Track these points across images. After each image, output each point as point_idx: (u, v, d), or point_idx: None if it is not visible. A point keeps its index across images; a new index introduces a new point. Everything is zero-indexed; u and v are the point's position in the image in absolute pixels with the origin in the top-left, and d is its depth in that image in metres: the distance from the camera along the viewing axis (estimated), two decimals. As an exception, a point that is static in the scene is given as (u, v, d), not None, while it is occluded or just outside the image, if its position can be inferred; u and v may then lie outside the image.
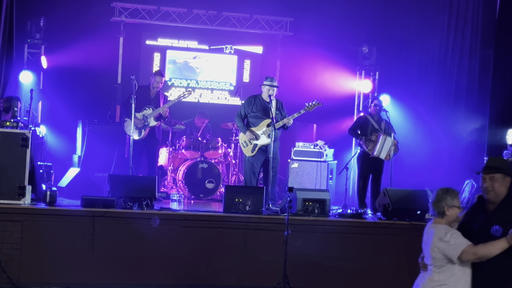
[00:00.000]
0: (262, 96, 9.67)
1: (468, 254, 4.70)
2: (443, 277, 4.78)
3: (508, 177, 4.84)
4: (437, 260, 4.79)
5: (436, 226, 4.86)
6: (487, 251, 4.68)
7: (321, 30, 12.57)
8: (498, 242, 4.67)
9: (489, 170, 4.86)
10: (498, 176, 4.81)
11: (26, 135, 8.13)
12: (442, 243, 4.74)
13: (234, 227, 8.24)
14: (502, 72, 10.39)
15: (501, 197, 4.84)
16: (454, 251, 4.71)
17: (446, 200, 4.84)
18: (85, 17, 12.00)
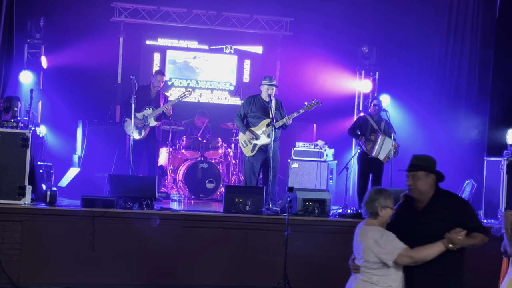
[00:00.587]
0: (262, 96, 9.67)
1: (404, 257, 4.64)
2: (376, 279, 4.71)
3: (432, 174, 4.81)
4: (371, 263, 4.71)
5: (370, 227, 4.79)
6: (424, 254, 4.63)
7: (321, 30, 12.57)
8: (435, 245, 4.63)
9: (411, 168, 4.87)
10: (420, 174, 4.80)
11: (26, 135, 8.13)
12: (377, 247, 4.67)
13: (234, 227, 8.24)
14: (502, 72, 10.39)
15: (427, 195, 4.81)
16: (389, 255, 4.65)
17: (379, 200, 4.78)
18: (85, 17, 12.00)
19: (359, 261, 4.80)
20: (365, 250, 4.73)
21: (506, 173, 9.15)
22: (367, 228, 4.81)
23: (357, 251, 4.83)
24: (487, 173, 9.59)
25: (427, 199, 4.82)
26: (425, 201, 4.82)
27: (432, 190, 4.83)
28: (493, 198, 9.32)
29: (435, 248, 4.62)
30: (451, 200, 4.87)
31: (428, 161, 4.89)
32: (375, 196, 4.81)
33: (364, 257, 4.73)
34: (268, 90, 9.60)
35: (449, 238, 4.59)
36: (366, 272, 4.76)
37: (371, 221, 4.82)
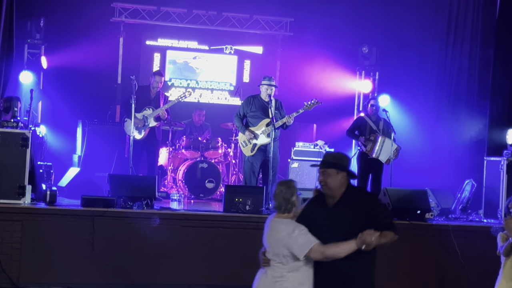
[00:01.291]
0: (261, 96, 9.67)
1: (315, 253, 4.63)
2: (287, 273, 4.68)
3: (343, 172, 4.81)
4: (282, 256, 4.68)
5: (282, 220, 4.75)
6: (336, 252, 4.63)
7: (321, 30, 12.57)
8: (347, 244, 4.63)
9: (322, 164, 4.86)
10: (331, 171, 4.79)
11: (26, 135, 8.13)
12: (290, 240, 4.64)
13: (234, 227, 8.24)
14: (502, 72, 10.38)
15: (338, 191, 4.82)
16: (301, 249, 4.62)
17: (295, 194, 4.77)
18: (85, 18, 12.00)
19: (270, 255, 4.75)
20: (276, 243, 4.69)
21: (506, 173, 9.14)
22: (279, 221, 4.76)
23: (268, 243, 4.78)
24: (487, 173, 9.58)
25: (339, 195, 4.83)
26: (337, 198, 4.83)
27: (344, 187, 4.84)
28: (493, 198, 9.31)
29: (347, 246, 4.63)
30: (362, 197, 4.90)
31: (340, 159, 4.89)
32: (291, 189, 4.79)
33: (276, 250, 4.70)
34: (267, 90, 9.59)
35: (362, 239, 4.60)
36: (276, 267, 4.73)
37: (282, 214, 4.77)
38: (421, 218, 8.60)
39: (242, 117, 9.73)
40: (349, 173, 4.88)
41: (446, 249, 8.34)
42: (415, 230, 8.44)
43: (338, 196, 4.84)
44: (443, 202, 9.50)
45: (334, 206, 4.83)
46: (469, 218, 9.18)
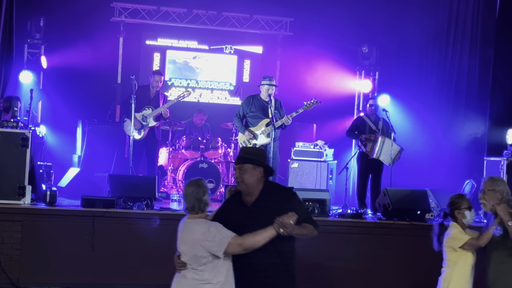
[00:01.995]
0: (261, 96, 9.66)
1: (234, 246, 4.49)
2: (206, 276, 4.55)
3: (260, 167, 4.68)
4: (201, 258, 4.53)
5: (195, 221, 4.62)
6: (254, 240, 4.49)
7: (321, 30, 12.57)
8: (265, 230, 4.49)
9: (238, 160, 4.74)
10: (247, 166, 4.66)
11: (26, 135, 8.13)
12: (206, 240, 4.50)
13: (234, 227, 8.22)
14: (502, 72, 10.39)
15: (256, 188, 4.69)
16: (219, 245, 4.49)
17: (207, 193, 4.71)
18: (85, 17, 12.00)
19: (186, 258, 4.60)
20: (194, 245, 4.54)
21: (506, 173, 9.14)
22: (193, 222, 4.64)
23: (183, 247, 4.63)
24: (487, 173, 9.57)
25: (257, 192, 4.69)
26: (255, 195, 4.69)
27: (261, 184, 4.70)
28: (493, 198, 9.29)
29: (266, 233, 4.49)
30: (281, 193, 4.77)
31: (256, 154, 4.76)
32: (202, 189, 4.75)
33: (193, 252, 4.55)
34: (268, 90, 9.59)
35: (280, 222, 4.46)
36: (194, 269, 4.57)
37: (196, 215, 4.67)
38: (421, 219, 8.61)
39: (242, 117, 9.73)
40: (266, 169, 4.74)
41: (446, 249, 8.32)
42: (415, 230, 8.44)
43: (256, 193, 4.69)
44: (443, 202, 9.48)
45: (254, 205, 4.68)
46: (469, 219, 9.17)
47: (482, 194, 5.61)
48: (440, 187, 10.20)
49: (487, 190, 5.58)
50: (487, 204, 5.59)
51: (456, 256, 5.57)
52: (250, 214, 4.66)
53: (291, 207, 4.63)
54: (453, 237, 5.56)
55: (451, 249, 5.57)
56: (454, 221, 5.66)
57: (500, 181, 5.66)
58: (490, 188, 5.58)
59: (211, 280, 4.54)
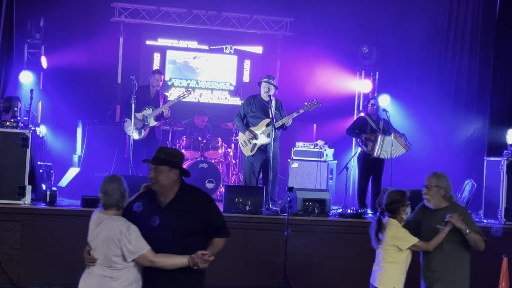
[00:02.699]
0: (261, 96, 9.66)
1: (145, 260, 4.50)
2: (116, 274, 4.50)
3: (176, 169, 4.62)
4: (113, 256, 4.49)
5: (114, 217, 4.57)
6: (165, 263, 4.50)
7: (321, 30, 12.56)
8: (179, 259, 4.52)
9: (153, 160, 4.66)
10: (162, 167, 4.58)
11: (26, 135, 8.14)
12: (123, 240, 4.46)
13: (234, 227, 8.19)
14: (502, 72, 10.39)
15: (170, 190, 4.63)
16: (132, 252, 4.47)
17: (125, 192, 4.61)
18: (85, 17, 12.01)
19: (97, 254, 4.54)
20: (107, 242, 4.49)
21: (506, 173, 9.14)
22: (110, 218, 4.57)
23: (96, 242, 4.57)
24: (487, 173, 9.59)
25: (172, 194, 4.64)
26: (169, 197, 4.63)
27: (177, 186, 4.65)
28: (493, 198, 9.31)
29: (178, 261, 4.51)
30: (196, 197, 4.71)
31: (173, 155, 4.68)
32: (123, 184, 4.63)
33: (105, 248, 4.50)
34: (265, 88, 9.59)
35: (194, 261, 4.54)
36: (104, 266, 4.52)
37: (116, 211, 4.60)
38: (421, 218, 8.58)
39: (243, 117, 9.73)
40: (182, 171, 4.69)
41: (446, 249, 8.32)
42: (415, 230, 8.43)
43: (171, 195, 4.63)
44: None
45: (168, 207, 4.61)
46: (469, 218, 9.17)
47: (426, 190, 5.60)
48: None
49: (432, 186, 5.59)
50: (431, 200, 5.58)
51: (399, 255, 5.56)
52: (166, 216, 4.59)
53: (207, 212, 4.66)
54: (401, 237, 5.54)
55: (395, 248, 5.55)
56: (393, 218, 5.62)
57: (444, 177, 5.69)
58: (435, 185, 5.60)
59: (119, 278, 4.51)
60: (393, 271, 5.57)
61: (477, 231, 5.51)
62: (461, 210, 5.60)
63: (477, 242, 5.50)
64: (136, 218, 4.60)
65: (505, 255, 7.61)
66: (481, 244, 5.53)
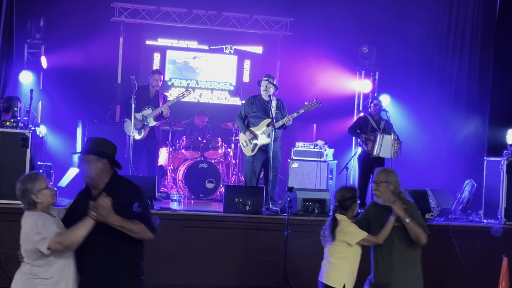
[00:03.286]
0: (262, 96, 9.66)
1: (54, 244, 4.28)
2: (37, 271, 4.40)
3: (104, 159, 4.52)
4: (30, 252, 4.38)
5: (30, 213, 4.46)
6: (72, 235, 4.29)
7: (321, 30, 12.57)
8: (81, 222, 4.30)
9: (82, 150, 4.60)
10: (89, 157, 4.50)
11: (26, 135, 8.14)
12: (34, 234, 4.34)
13: (234, 227, 8.24)
14: (502, 72, 10.38)
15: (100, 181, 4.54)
16: (42, 241, 4.30)
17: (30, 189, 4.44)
18: (85, 17, 12.01)
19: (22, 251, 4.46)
20: (23, 239, 4.41)
21: (506, 173, 9.14)
22: (27, 214, 4.47)
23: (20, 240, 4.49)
24: (487, 173, 9.58)
25: (102, 185, 4.55)
26: (99, 188, 4.54)
27: (107, 177, 4.55)
28: (493, 198, 9.31)
29: (83, 225, 4.30)
30: (125, 188, 4.60)
31: (101, 145, 4.58)
32: (23, 186, 4.45)
33: (24, 245, 4.41)
34: (263, 86, 9.59)
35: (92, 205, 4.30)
36: (27, 263, 4.44)
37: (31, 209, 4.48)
38: (421, 219, 8.59)
39: (244, 118, 9.73)
40: (112, 161, 4.58)
41: (446, 249, 8.34)
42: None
43: (101, 186, 4.54)
44: (443, 202, 9.50)
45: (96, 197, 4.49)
46: (469, 219, 9.19)
47: (375, 186, 5.62)
48: (440, 187, 10.20)
49: (381, 182, 5.60)
50: (380, 196, 5.59)
51: (348, 251, 5.57)
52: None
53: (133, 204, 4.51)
54: (350, 232, 5.55)
55: (345, 243, 5.55)
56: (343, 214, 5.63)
57: (393, 173, 5.72)
58: (384, 180, 5.61)
59: (43, 276, 4.42)
60: (342, 267, 5.56)
61: (420, 224, 5.47)
62: (410, 205, 5.60)
63: (418, 234, 5.43)
64: (74, 213, 4.53)
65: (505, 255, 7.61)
66: (422, 237, 5.45)
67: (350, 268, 5.59)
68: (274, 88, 9.76)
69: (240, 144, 9.92)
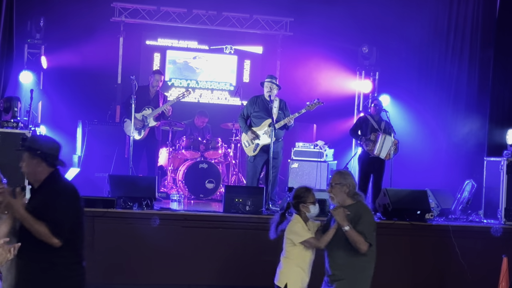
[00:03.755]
0: (265, 96, 9.66)
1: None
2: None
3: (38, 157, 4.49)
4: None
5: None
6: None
7: (321, 30, 12.57)
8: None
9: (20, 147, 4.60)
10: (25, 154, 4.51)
11: (26, 135, 8.14)
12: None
13: (234, 227, 8.24)
14: (502, 72, 10.39)
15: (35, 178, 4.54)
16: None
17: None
18: (85, 17, 12.00)
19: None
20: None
21: (506, 173, 9.14)
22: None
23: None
24: (487, 173, 9.58)
25: (37, 184, 4.54)
26: (36, 186, 4.55)
27: (43, 175, 4.52)
28: (493, 198, 9.31)
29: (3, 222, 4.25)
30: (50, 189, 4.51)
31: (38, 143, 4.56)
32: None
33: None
34: (267, 88, 9.59)
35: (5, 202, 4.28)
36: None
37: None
38: (421, 219, 8.60)
39: (246, 118, 9.73)
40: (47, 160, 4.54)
41: (446, 249, 8.34)
42: (415, 230, 8.44)
43: (37, 184, 4.54)
44: (443, 202, 9.50)
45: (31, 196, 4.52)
46: (469, 219, 9.20)
47: (330, 188, 5.55)
48: (440, 187, 10.20)
49: (334, 184, 5.51)
50: (334, 198, 5.53)
51: (292, 250, 5.55)
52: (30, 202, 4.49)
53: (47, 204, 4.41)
54: (295, 231, 5.52)
55: (291, 242, 5.55)
56: (298, 214, 5.61)
57: (347, 174, 5.59)
58: (338, 182, 5.51)
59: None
60: (286, 266, 5.54)
61: (362, 232, 5.32)
62: (364, 209, 5.49)
63: (356, 242, 5.30)
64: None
65: (505, 255, 7.61)
66: (362, 245, 5.31)
67: (295, 268, 5.52)
68: (278, 88, 9.76)
69: (242, 144, 9.92)
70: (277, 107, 9.56)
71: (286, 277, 5.54)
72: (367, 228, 5.40)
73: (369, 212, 5.56)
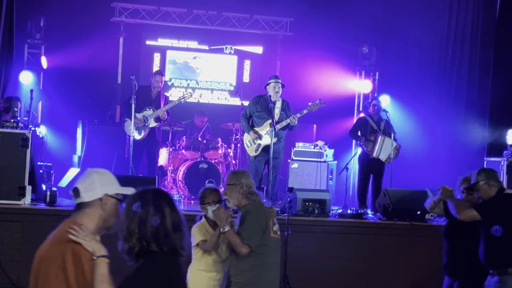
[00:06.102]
0: (269, 96, 9.64)
1: None
2: None
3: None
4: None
5: None
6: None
7: (321, 31, 12.56)
8: None
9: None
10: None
11: (26, 135, 8.13)
12: None
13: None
14: (502, 72, 10.39)
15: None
16: None
17: None
18: (85, 17, 12.00)
19: None
20: None
21: (506, 173, 9.14)
22: None
23: None
24: (487, 174, 9.56)
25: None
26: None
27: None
28: (493, 198, 9.29)
29: None
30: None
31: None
32: None
33: None
34: (275, 88, 9.57)
35: None
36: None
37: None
38: (421, 219, 8.61)
39: (249, 117, 9.73)
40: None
41: (446, 249, 8.32)
42: (415, 230, 8.45)
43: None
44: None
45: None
46: (469, 219, 9.17)
47: (224, 190, 5.40)
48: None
49: (227, 185, 5.36)
50: (229, 199, 5.35)
51: (195, 253, 5.42)
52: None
53: None
54: (192, 234, 5.35)
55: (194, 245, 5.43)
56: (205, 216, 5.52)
57: (242, 174, 5.41)
58: (231, 183, 5.35)
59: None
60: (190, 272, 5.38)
61: (239, 234, 5.15)
62: (253, 208, 5.29)
63: (234, 244, 5.13)
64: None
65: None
66: (240, 248, 5.12)
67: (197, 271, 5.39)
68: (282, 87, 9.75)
69: (244, 144, 9.92)
70: (280, 108, 9.55)
71: (190, 283, 5.29)
72: (247, 229, 5.18)
73: (257, 212, 5.32)
